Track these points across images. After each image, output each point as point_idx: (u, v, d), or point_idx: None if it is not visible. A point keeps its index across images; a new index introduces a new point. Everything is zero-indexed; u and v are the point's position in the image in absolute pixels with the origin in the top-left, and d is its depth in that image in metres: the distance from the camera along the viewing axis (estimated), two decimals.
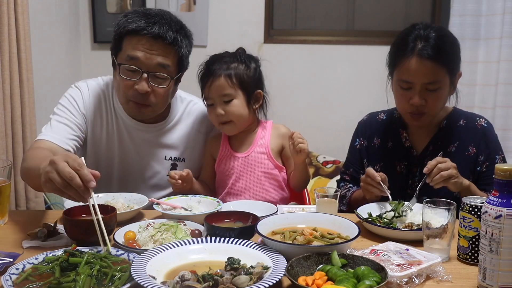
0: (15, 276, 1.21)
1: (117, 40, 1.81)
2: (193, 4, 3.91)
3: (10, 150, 2.48)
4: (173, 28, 1.78)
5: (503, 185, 1.18)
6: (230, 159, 1.95)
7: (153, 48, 1.76)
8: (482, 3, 3.57)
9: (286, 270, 1.20)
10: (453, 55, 1.79)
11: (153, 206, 1.71)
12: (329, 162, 3.80)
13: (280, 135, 1.97)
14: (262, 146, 1.95)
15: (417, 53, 1.73)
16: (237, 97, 1.87)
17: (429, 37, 1.75)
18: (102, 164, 1.98)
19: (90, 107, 1.93)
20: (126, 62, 1.78)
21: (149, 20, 1.76)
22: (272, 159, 1.94)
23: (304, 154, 1.82)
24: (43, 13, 3.20)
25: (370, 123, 2.03)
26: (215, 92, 1.86)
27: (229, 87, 1.85)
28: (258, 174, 1.93)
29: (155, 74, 1.78)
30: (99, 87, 1.97)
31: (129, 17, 1.79)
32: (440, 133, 1.90)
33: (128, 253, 1.34)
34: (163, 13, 1.82)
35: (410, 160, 1.92)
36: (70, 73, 3.72)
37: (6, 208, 1.69)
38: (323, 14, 4.07)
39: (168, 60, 1.79)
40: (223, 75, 1.85)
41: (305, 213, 1.60)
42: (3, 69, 2.42)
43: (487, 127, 1.90)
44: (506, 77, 3.59)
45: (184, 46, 1.83)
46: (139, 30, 1.75)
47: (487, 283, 1.20)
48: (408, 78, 1.76)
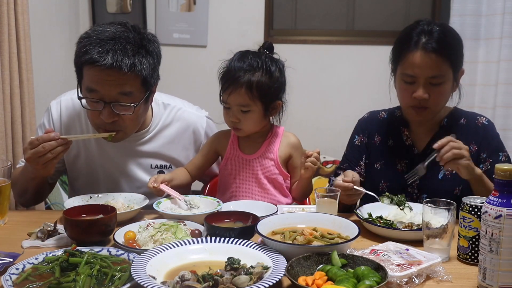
0: (15, 276, 1.21)
1: (76, 68, 1.75)
2: (193, 4, 3.91)
3: (10, 150, 2.48)
4: (129, 53, 1.66)
5: (503, 185, 1.18)
6: (237, 160, 1.92)
7: (110, 78, 1.66)
8: (482, 3, 3.57)
9: (286, 270, 1.20)
10: (456, 50, 1.80)
11: (153, 206, 1.70)
12: (329, 162, 3.81)
13: (290, 144, 1.93)
14: (271, 151, 1.91)
15: (421, 47, 1.74)
16: (255, 109, 1.81)
17: (433, 32, 1.76)
18: (82, 178, 1.97)
19: (61, 126, 1.93)
20: (87, 95, 1.71)
21: (102, 48, 1.64)
22: (279, 166, 1.91)
23: (310, 171, 1.79)
24: (43, 13, 3.20)
25: (370, 120, 2.02)
26: (234, 101, 1.80)
27: (248, 99, 1.78)
28: (263, 179, 1.90)
29: (118, 103, 1.70)
30: (73, 101, 1.92)
31: (82, 45, 1.68)
32: (441, 131, 1.89)
33: (128, 253, 1.34)
34: (119, 35, 1.68)
35: (411, 158, 1.91)
36: (70, 73, 3.68)
37: (6, 208, 1.69)
38: (323, 14, 4.07)
39: (128, 87, 1.69)
40: (244, 87, 1.77)
41: (305, 213, 1.60)
42: (3, 69, 2.42)
43: (488, 124, 1.90)
44: (506, 77, 3.59)
45: (146, 67, 1.71)
46: (93, 62, 1.64)
47: (487, 283, 1.20)
48: (412, 71, 1.76)
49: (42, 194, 1.98)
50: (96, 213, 1.54)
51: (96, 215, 1.52)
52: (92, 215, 1.53)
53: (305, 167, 1.78)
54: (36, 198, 1.97)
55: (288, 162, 1.94)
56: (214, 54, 3.83)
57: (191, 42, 3.95)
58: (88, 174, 1.96)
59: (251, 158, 1.91)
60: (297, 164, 1.91)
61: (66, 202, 1.76)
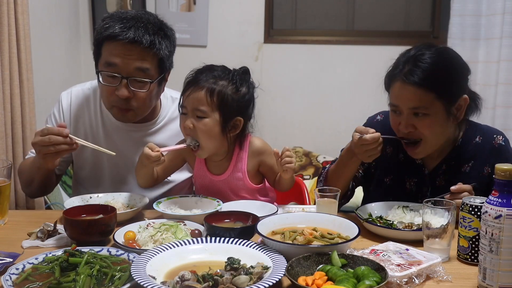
0: (15, 276, 1.21)
1: (96, 46, 1.80)
2: (193, 4, 3.91)
3: (10, 150, 2.48)
4: (149, 31, 1.75)
5: (503, 185, 1.18)
6: (205, 179, 1.85)
7: (130, 53, 1.74)
8: (482, 3, 3.57)
9: (286, 270, 1.20)
10: (447, 81, 1.66)
11: (153, 206, 1.70)
12: (329, 162, 3.79)
13: (256, 152, 1.83)
14: (239, 170, 1.81)
15: (401, 77, 1.65)
16: (211, 117, 1.70)
17: (419, 60, 1.65)
18: (88, 168, 1.99)
19: (71, 115, 1.96)
20: (104, 69, 1.77)
21: (124, 24, 1.73)
22: (248, 181, 1.82)
23: (290, 172, 1.71)
24: (43, 13, 3.20)
25: (383, 126, 1.82)
26: (191, 103, 1.70)
27: (206, 104, 1.69)
28: (241, 194, 1.84)
29: (134, 78, 1.76)
30: (83, 92, 1.99)
31: (105, 22, 1.77)
32: (455, 151, 1.78)
33: (128, 253, 1.34)
34: (140, 16, 1.78)
35: (420, 177, 1.82)
36: (70, 73, 3.71)
37: (6, 208, 1.69)
38: (323, 14, 4.07)
39: (147, 64, 1.76)
40: (205, 89, 1.70)
41: (305, 213, 1.60)
42: (3, 69, 2.42)
43: (505, 145, 1.77)
44: (506, 77, 3.59)
45: (164, 48, 1.79)
46: (115, 36, 1.72)
47: (487, 283, 1.20)
48: (395, 101, 1.69)
49: (48, 186, 1.97)
50: (96, 213, 1.54)
51: (96, 215, 1.52)
52: (92, 215, 1.53)
53: (283, 169, 1.69)
54: (42, 189, 1.96)
55: (258, 170, 1.86)
56: (214, 54, 3.87)
57: (191, 42, 3.95)
58: (94, 163, 1.98)
59: (219, 179, 1.83)
60: (270, 164, 1.83)
61: (66, 202, 1.77)
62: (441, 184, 1.78)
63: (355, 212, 1.69)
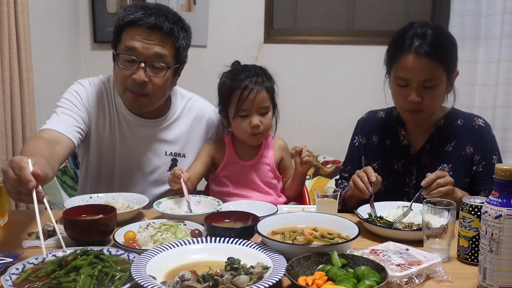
0: (15, 276, 1.21)
1: (116, 32, 1.85)
2: (193, 4, 3.91)
3: (10, 150, 2.48)
4: (170, 20, 1.82)
5: (503, 185, 1.18)
6: (236, 165, 1.99)
7: (150, 38, 1.80)
8: (482, 3, 3.57)
9: (286, 270, 1.20)
10: (450, 53, 1.80)
11: (153, 206, 1.71)
12: (329, 162, 3.81)
13: (280, 147, 2.05)
14: (267, 157, 2.01)
15: (414, 50, 1.74)
16: (271, 110, 1.95)
17: (426, 35, 1.76)
18: (104, 159, 2.00)
19: (93, 102, 1.95)
20: (124, 52, 1.81)
21: (146, 11, 1.80)
22: (274, 169, 2.01)
23: (308, 165, 1.92)
24: (43, 13, 3.20)
25: (369, 120, 2.05)
26: (257, 104, 1.89)
27: (268, 100, 1.92)
28: (260, 183, 1.99)
29: (152, 63, 1.81)
30: (101, 83, 2.00)
31: (127, 10, 1.84)
32: (438, 132, 1.91)
33: (128, 253, 1.34)
34: (161, 6, 1.86)
35: (407, 158, 1.93)
36: (70, 73, 3.72)
37: (6, 208, 1.69)
38: (323, 14, 4.07)
39: (165, 50, 1.82)
40: (264, 88, 1.91)
41: (305, 213, 1.60)
42: (3, 69, 2.42)
43: (485, 127, 1.90)
44: (506, 77, 3.59)
45: (181, 38, 1.86)
46: (136, 21, 1.79)
47: (487, 283, 1.20)
48: (405, 75, 1.77)
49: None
50: (96, 213, 1.54)
51: (96, 215, 1.52)
52: (92, 215, 1.53)
53: (303, 161, 1.89)
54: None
55: (279, 164, 2.05)
56: (214, 54, 3.88)
57: (191, 42, 3.94)
58: (105, 152, 1.99)
59: (249, 164, 1.99)
60: (288, 164, 2.06)
61: (66, 202, 1.77)
62: (426, 163, 1.90)
63: (355, 212, 1.69)
